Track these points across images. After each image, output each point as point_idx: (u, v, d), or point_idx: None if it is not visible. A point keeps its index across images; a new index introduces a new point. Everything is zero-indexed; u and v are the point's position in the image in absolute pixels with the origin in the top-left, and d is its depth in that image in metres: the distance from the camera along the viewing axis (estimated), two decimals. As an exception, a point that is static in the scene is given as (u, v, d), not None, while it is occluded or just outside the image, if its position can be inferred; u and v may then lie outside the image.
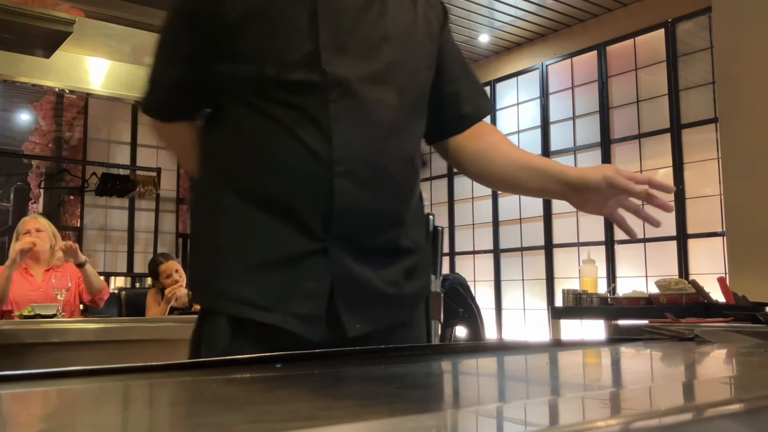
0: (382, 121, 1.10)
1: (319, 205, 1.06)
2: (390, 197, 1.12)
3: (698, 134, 5.31)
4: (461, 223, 7.08)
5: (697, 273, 5.05)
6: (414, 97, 1.16)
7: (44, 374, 0.65)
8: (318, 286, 1.07)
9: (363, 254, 1.10)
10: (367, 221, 1.10)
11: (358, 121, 1.08)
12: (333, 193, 1.05)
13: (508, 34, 6.32)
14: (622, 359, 1.03)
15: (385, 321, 1.13)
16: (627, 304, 3.77)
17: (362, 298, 1.10)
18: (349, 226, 1.08)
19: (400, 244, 1.14)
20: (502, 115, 6.78)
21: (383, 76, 1.10)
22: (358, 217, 1.08)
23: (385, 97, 1.10)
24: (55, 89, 4.56)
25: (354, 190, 1.07)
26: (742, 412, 0.54)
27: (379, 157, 1.09)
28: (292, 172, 1.07)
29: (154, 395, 0.64)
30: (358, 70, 1.08)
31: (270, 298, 1.06)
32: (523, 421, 0.52)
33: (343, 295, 1.08)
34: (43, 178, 6.71)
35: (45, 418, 0.51)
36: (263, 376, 0.77)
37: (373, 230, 1.11)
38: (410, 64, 1.15)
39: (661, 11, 5.54)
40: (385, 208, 1.12)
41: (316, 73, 1.06)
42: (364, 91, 1.08)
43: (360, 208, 1.08)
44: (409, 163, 1.15)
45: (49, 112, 6.71)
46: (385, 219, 1.12)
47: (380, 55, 1.11)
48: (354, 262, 1.09)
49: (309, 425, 0.45)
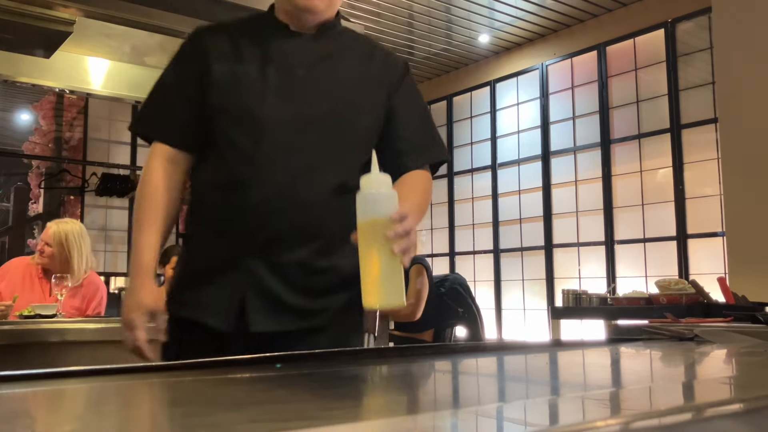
0: (308, 157, 1.30)
1: (242, 225, 1.29)
2: (305, 221, 1.29)
3: (698, 134, 5.31)
4: (461, 223, 7.07)
5: (697, 273, 5.05)
6: (347, 138, 1.34)
7: (44, 374, 0.65)
8: (233, 291, 1.28)
9: (277, 268, 1.28)
10: (281, 239, 1.29)
11: (283, 155, 1.28)
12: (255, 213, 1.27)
13: (508, 34, 6.31)
14: (622, 359, 1.03)
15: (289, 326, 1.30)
16: (627, 304, 3.77)
17: (270, 304, 1.29)
18: (265, 241, 1.28)
19: (314, 263, 1.31)
20: (502, 115, 6.78)
21: (316, 121, 1.31)
22: (272, 236, 1.28)
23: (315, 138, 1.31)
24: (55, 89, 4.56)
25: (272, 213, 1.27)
26: (742, 412, 0.54)
27: (302, 185, 1.28)
28: (225, 197, 1.30)
29: (154, 395, 0.64)
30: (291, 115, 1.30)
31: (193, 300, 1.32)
32: (523, 421, 0.52)
33: (252, 300, 1.28)
34: (43, 178, 6.71)
35: (45, 418, 0.51)
36: (263, 376, 0.77)
37: (289, 247, 1.29)
38: (345, 116, 1.35)
39: (661, 11, 5.54)
40: (298, 230, 1.29)
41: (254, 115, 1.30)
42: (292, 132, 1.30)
43: (276, 227, 1.28)
44: (333, 193, 1.31)
45: (49, 112, 6.71)
46: (297, 238, 1.29)
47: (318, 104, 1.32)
48: (267, 274, 1.28)
49: (309, 425, 0.45)
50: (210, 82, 1.33)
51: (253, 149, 1.29)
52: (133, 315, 1.27)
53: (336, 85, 1.36)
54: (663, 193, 5.47)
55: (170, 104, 1.39)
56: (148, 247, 1.32)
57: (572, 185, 6.12)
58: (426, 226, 7.37)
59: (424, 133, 1.48)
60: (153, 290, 1.30)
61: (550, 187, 6.28)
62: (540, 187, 6.34)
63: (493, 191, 6.75)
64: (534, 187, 6.39)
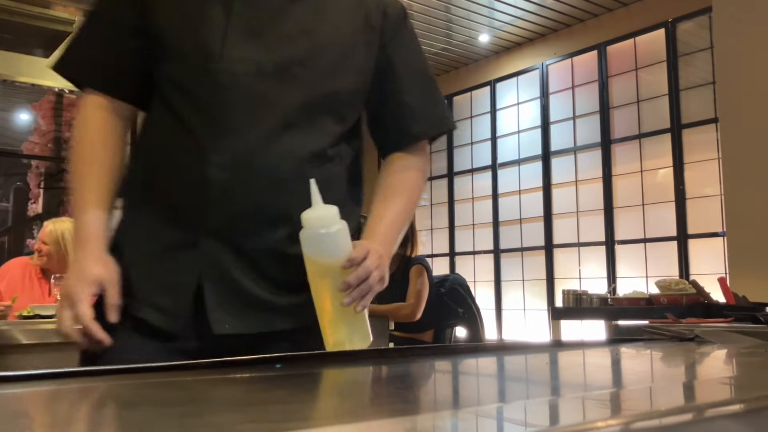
0: (275, 115, 1.04)
1: (193, 195, 1.03)
2: (274, 196, 1.05)
3: (698, 134, 5.31)
4: (461, 224, 7.07)
5: (698, 273, 5.05)
6: (325, 98, 1.09)
7: (44, 374, 0.65)
8: (183, 279, 1.03)
9: (242, 253, 1.04)
10: (245, 219, 1.04)
11: (247, 111, 1.03)
12: (208, 183, 1.01)
13: (508, 34, 6.31)
14: (623, 360, 1.03)
15: (261, 327, 1.06)
16: (627, 304, 3.77)
17: (235, 298, 1.04)
18: (224, 221, 1.03)
19: (287, 250, 1.05)
20: (502, 115, 6.78)
21: (285, 70, 1.05)
22: (234, 211, 1.03)
23: (284, 91, 1.05)
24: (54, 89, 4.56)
25: (230, 182, 1.02)
26: (742, 413, 0.54)
27: (266, 150, 1.03)
28: (172, 159, 1.05)
29: (154, 395, 0.64)
30: (258, 60, 1.04)
31: (134, 288, 1.04)
32: (523, 421, 0.52)
33: (213, 292, 1.03)
34: (43, 178, 6.71)
35: (44, 419, 0.51)
36: (263, 376, 0.77)
37: (253, 228, 1.04)
38: (328, 65, 1.09)
39: (661, 11, 5.54)
40: (266, 208, 1.05)
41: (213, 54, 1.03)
42: (259, 82, 1.04)
43: (236, 201, 1.03)
44: (303, 163, 1.06)
45: (48, 112, 6.72)
46: (265, 219, 1.05)
47: (287, 48, 1.06)
48: (230, 261, 1.04)
49: (309, 425, 0.45)
50: (156, 15, 1.07)
51: (211, 102, 1.03)
52: (77, 288, 0.99)
53: (316, 27, 1.10)
54: (663, 193, 5.47)
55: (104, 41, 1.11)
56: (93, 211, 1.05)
57: (572, 185, 6.12)
58: (426, 226, 7.37)
59: (427, 96, 1.23)
60: (102, 258, 1.03)
61: (551, 187, 6.28)
62: (540, 187, 6.34)
63: (493, 191, 6.75)
64: (534, 187, 6.39)
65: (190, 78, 1.05)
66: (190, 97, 1.05)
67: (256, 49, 1.05)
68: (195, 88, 1.05)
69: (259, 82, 1.04)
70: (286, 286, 1.07)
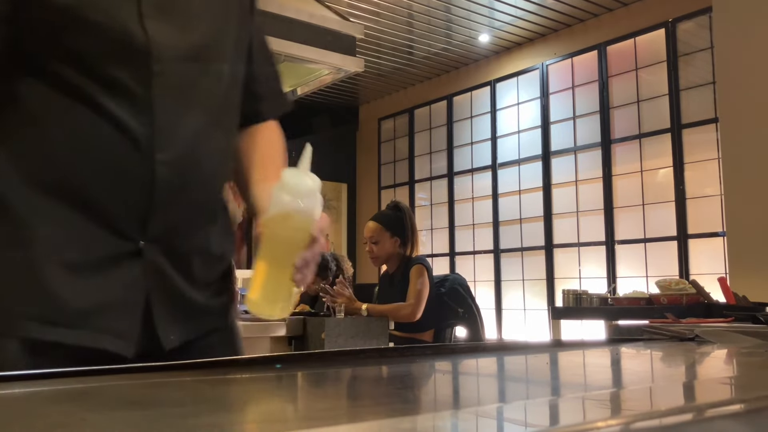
0: (204, 106, 0.97)
1: (134, 198, 0.91)
2: (208, 193, 1.00)
3: (698, 134, 5.31)
4: (461, 223, 7.07)
5: (698, 273, 5.05)
6: (228, 85, 1.02)
7: (44, 374, 0.65)
8: (133, 294, 0.92)
9: (178, 257, 0.97)
10: (187, 218, 0.97)
11: (182, 101, 0.94)
12: (153, 183, 0.90)
13: (508, 34, 6.31)
14: (623, 359, 1.03)
15: (199, 330, 1.01)
16: (627, 304, 3.77)
17: (178, 307, 0.97)
18: (168, 223, 0.94)
19: (212, 249, 1.02)
20: (502, 115, 6.78)
21: (203, 54, 0.97)
22: (179, 213, 0.95)
23: (206, 78, 0.98)
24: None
25: (176, 181, 0.93)
26: (742, 413, 0.54)
27: (201, 145, 0.96)
28: (102, 159, 0.90)
29: (154, 395, 0.64)
30: (181, 42, 0.94)
31: (76, 314, 0.88)
32: (523, 421, 0.52)
33: (160, 304, 0.94)
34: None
35: (44, 419, 0.51)
36: (263, 376, 0.77)
37: (189, 230, 0.98)
38: (225, 46, 1.01)
39: (661, 11, 5.54)
40: (204, 206, 1.00)
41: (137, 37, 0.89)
42: (186, 67, 0.94)
43: (181, 202, 0.95)
44: (226, 158, 1.04)
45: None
46: (201, 217, 1.00)
47: (200, 30, 0.97)
48: (169, 267, 0.95)
49: (309, 425, 0.45)
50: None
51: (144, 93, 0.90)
52: None
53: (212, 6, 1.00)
54: (663, 193, 5.47)
55: None
56: None
57: (573, 185, 6.12)
58: (426, 226, 7.37)
59: (276, 76, 1.20)
60: None
61: (551, 187, 6.28)
62: (540, 187, 6.34)
63: (493, 191, 6.75)
64: (534, 187, 6.39)
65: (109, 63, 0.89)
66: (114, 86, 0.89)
67: (174, 30, 0.93)
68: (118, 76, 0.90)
69: (186, 68, 0.94)
70: (211, 287, 1.04)
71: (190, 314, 0.99)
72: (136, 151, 0.90)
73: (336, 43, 3.50)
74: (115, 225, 0.91)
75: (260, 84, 1.13)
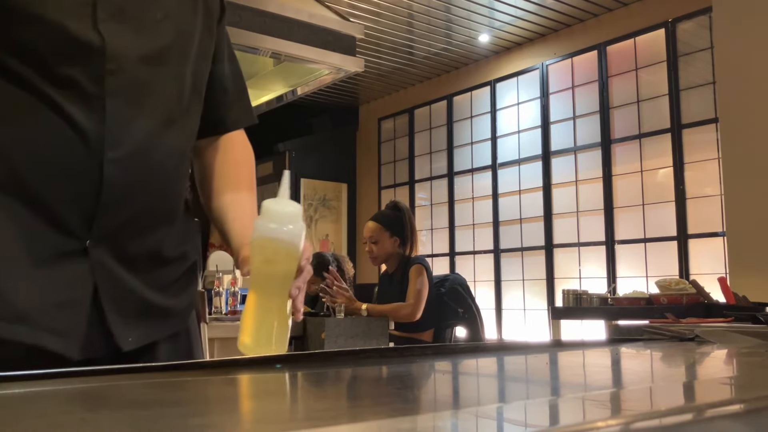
0: (160, 107, 0.98)
1: (82, 196, 0.91)
2: (162, 194, 1.00)
3: (698, 134, 5.31)
4: (461, 223, 7.07)
5: (698, 273, 5.05)
6: (188, 88, 1.03)
7: (44, 374, 0.65)
8: (77, 293, 0.91)
9: (128, 258, 0.96)
10: (137, 219, 0.96)
11: (136, 101, 0.95)
12: (102, 182, 0.90)
13: (508, 34, 6.31)
14: (623, 359, 1.03)
15: (161, 332, 1.02)
16: (627, 304, 3.78)
17: (133, 307, 0.97)
18: (116, 222, 0.94)
19: (168, 250, 1.02)
20: (502, 115, 6.78)
21: (162, 57, 0.98)
22: (127, 213, 0.95)
23: (163, 81, 0.99)
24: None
25: (126, 180, 0.93)
26: (742, 413, 0.54)
27: (156, 146, 0.97)
28: (51, 155, 0.90)
29: (154, 395, 0.64)
30: (137, 45, 0.95)
31: (15, 309, 0.87)
32: (523, 422, 0.52)
33: (111, 304, 0.93)
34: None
35: (44, 419, 0.51)
36: (263, 376, 0.77)
37: (140, 231, 0.98)
38: (187, 51, 1.03)
39: (661, 11, 5.54)
40: (156, 206, 0.99)
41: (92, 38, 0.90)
42: (142, 69, 0.95)
43: (129, 202, 0.94)
44: (182, 160, 1.04)
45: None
46: (154, 218, 1.00)
47: (159, 34, 0.99)
48: (119, 267, 0.95)
49: (309, 425, 0.45)
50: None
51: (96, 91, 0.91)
52: None
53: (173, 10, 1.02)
54: (663, 193, 5.47)
55: None
56: None
57: (573, 185, 6.12)
58: (426, 226, 7.37)
59: (243, 90, 1.20)
60: None
61: (551, 187, 6.28)
62: (540, 187, 6.34)
63: (493, 191, 6.75)
64: (534, 187, 6.39)
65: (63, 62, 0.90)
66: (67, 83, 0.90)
67: (130, 34, 0.94)
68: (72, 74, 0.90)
69: (142, 70, 0.95)
70: (171, 287, 1.04)
71: (147, 316, 0.99)
72: (86, 148, 0.90)
73: (336, 43, 3.50)
74: (62, 222, 0.90)
75: (227, 95, 1.15)
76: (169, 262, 1.04)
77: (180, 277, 1.06)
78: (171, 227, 1.03)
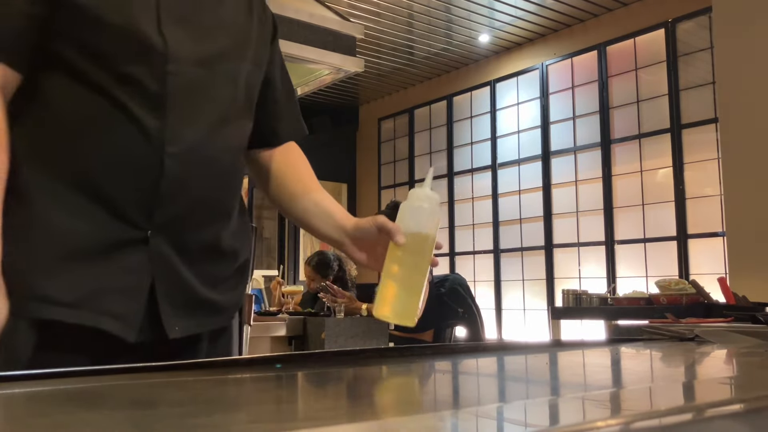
0: (214, 106, 1.04)
1: (143, 187, 0.96)
2: (218, 188, 1.06)
3: (698, 134, 5.31)
4: (461, 223, 7.08)
5: (698, 273, 5.05)
6: (243, 91, 1.10)
7: (44, 374, 0.65)
8: (137, 280, 0.96)
9: (185, 250, 1.01)
10: (194, 211, 1.01)
11: (193, 100, 1.01)
12: (162, 175, 0.96)
13: (508, 34, 6.32)
14: (623, 359, 1.03)
15: (206, 326, 1.07)
16: (627, 304, 3.78)
17: (184, 298, 1.01)
18: (174, 214, 0.99)
19: (223, 245, 1.07)
20: (502, 115, 6.78)
21: (216, 61, 1.05)
22: (185, 205, 1.00)
23: (218, 82, 1.05)
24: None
25: (184, 174, 0.98)
26: (742, 413, 0.54)
27: (212, 142, 1.02)
28: (114, 149, 0.95)
29: (154, 395, 0.64)
30: (195, 48, 1.02)
31: (79, 294, 0.92)
32: (523, 421, 0.52)
33: (165, 293, 0.98)
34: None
35: (45, 419, 0.51)
36: (263, 376, 0.77)
37: (198, 222, 1.02)
38: (241, 58, 1.10)
39: (661, 11, 5.54)
40: (212, 199, 1.05)
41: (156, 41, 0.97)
42: (198, 71, 1.02)
43: (188, 194, 1.00)
44: (238, 157, 1.11)
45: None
46: (210, 211, 1.05)
47: (215, 40, 1.05)
48: (177, 257, 1.00)
49: (309, 425, 0.45)
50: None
51: (159, 91, 0.97)
52: None
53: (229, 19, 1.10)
54: (663, 193, 5.47)
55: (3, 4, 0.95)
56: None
57: (572, 185, 6.12)
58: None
59: (295, 105, 1.28)
60: None
61: (551, 187, 6.28)
62: (540, 187, 6.34)
63: (493, 191, 6.75)
64: (534, 187, 6.39)
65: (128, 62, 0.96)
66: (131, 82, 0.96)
67: (189, 38, 1.01)
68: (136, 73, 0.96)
69: (198, 71, 1.02)
70: (222, 283, 1.08)
71: (196, 307, 1.03)
72: (148, 144, 0.96)
73: (336, 43, 3.50)
74: (123, 212, 0.96)
75: (280, 107, 1.23)
76: (223, 256, 1.08)
77: (231, 276, 1.11)
78: (226, 222, 1.08)
